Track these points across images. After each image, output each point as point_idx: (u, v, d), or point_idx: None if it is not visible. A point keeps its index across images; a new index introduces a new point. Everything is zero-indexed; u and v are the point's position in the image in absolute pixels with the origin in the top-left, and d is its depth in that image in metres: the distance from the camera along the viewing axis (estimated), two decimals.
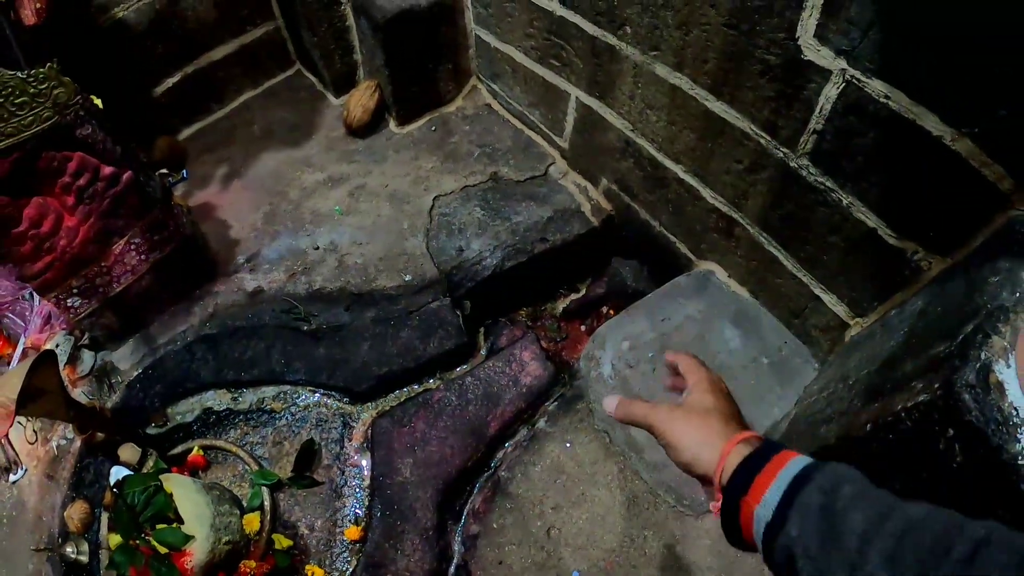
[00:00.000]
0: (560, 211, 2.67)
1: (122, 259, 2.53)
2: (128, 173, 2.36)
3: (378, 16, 2.73)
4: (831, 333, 2.00)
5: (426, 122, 3.18)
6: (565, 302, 2.81)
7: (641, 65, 2.09)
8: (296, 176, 3.12)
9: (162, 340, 2.72)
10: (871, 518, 0.69)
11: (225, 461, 2.48)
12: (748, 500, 0.79)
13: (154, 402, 2.63)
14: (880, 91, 1.42)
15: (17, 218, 2.22)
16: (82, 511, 2.51)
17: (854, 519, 0.70)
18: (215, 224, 2.99)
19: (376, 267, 2.65)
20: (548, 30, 2.46)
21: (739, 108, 1.83)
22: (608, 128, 2.43)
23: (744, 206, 2.04)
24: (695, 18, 1.79)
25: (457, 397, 2.36)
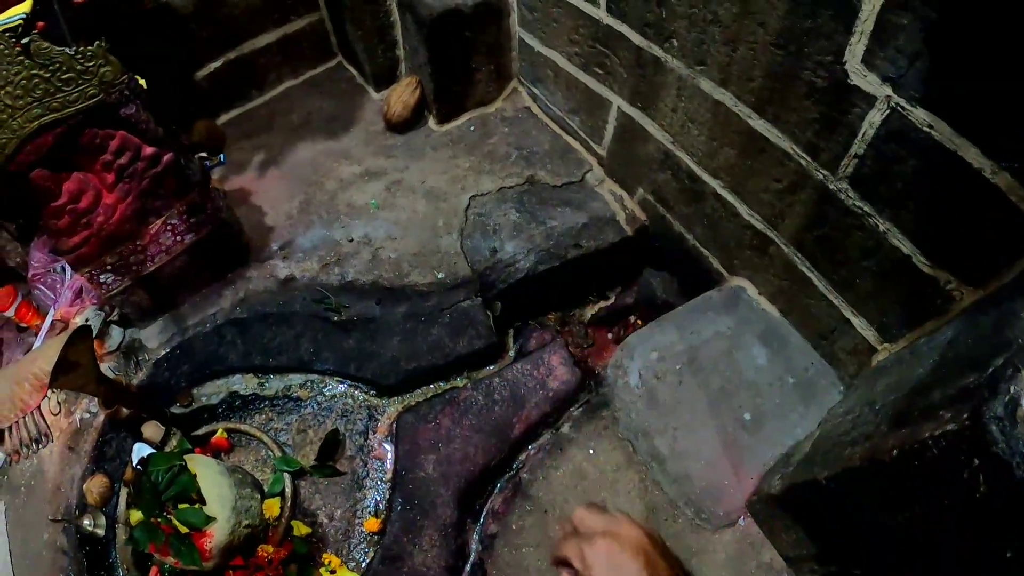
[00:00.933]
0: (595, 218, 2.70)
1: (157, 239, 2.58)
2: (169, 155, 2.41)
3: (424, 14, 2.77)
4: (858, 357, 2.01)
5: (465, 121, 3.22)
6: (594, 309, 2.84)
7: (686, 79, 2.11)
8: (333, 167, 3.16)
9: (192, 321, 2.77)
10: None
11: (248, 445, 2.52)
12: None
13: (180, 382, 2.68)
14: (923, 120, 1.44)
15: (57, 192, 2.27)
16: (101, 484, 2.55)
17: None
18: (250, 210, 3.04)
19: (409, 263, 2.68)
20: (593, 38, 2.49)
21: (782, 128, 1.85)
22: (648, 139, 2.45)
23: (780, 225, 2.06)
24: (743, 36, 1.82)
25: (483, 397, 2.39)
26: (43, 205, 2.31)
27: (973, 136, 1.38)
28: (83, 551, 2.51)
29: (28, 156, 2.13)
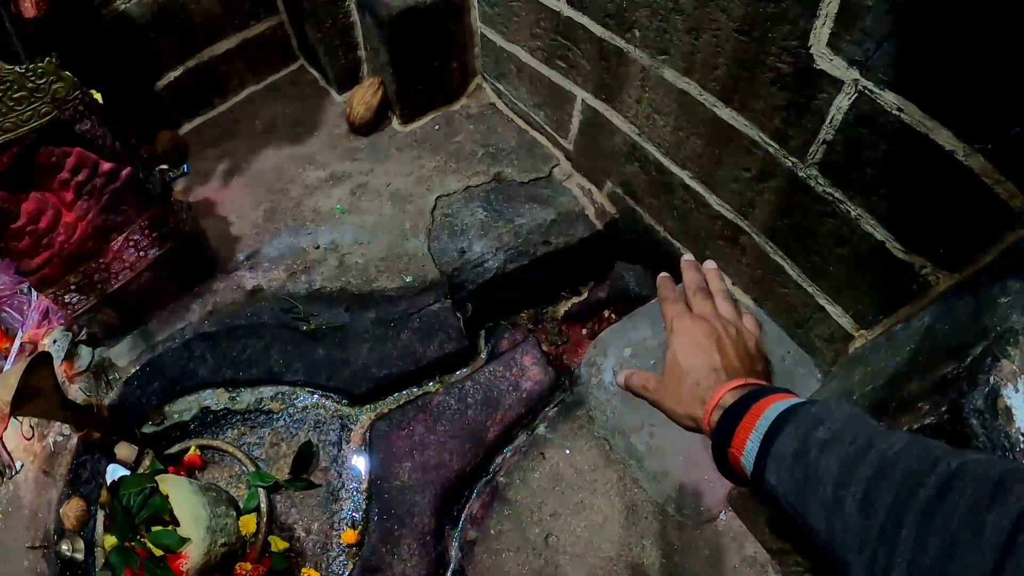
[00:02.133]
0: (564, 213, 2.67)
1: (121, 256, 2.53)
2: (128, 169, 2.35)
3: (383, 13, 2.73)
4: (835, 344, 1.99)
5: (430, 121, 3.18)
6: (567, 305, 2.80)
7: (649, 69, 2.08)
8: (298, 173, 3.11)
9: (161, 337, 2.72)
10: (845, 461, 0.69)
11: (222, 461, 2.47)
12: (733, 452, 0.80)
13: (151, 400, 2.63)
14: (893, 103, 1.41)
15: (15, 213, 2.21)
16: (78, 508, 2.51)
17: (828, 464, 0.69)
18: (215, 221, 2.98)
19: (377, 267, 2.64)
20: (555, 31, 2.45)
21: (748, 116, 1.82)
22: (614, 131, 2.42)
23: (751, 214, 2.03)
24: (705, 23, 1.78)
25: (456, 401, 2.36)
26: (2, 227, 2.24)
27: (944, 118, 1.35)
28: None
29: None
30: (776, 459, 0.75)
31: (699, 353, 0.92)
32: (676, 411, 0.92)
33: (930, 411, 1.20)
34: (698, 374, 0.90)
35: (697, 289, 1.03)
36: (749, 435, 0.78)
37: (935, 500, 0.59)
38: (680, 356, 0.93)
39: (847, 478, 0.67)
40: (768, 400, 0.80)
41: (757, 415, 0.79)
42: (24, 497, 2.69)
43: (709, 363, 0.90)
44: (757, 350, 0.96)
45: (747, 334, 0.97)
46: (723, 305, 1.00)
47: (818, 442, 0.71)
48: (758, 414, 0.79)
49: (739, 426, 0.80)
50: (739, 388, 0.85)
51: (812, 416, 0.74)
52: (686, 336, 0.94)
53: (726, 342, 0.93)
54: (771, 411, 0.78)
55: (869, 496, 0.65)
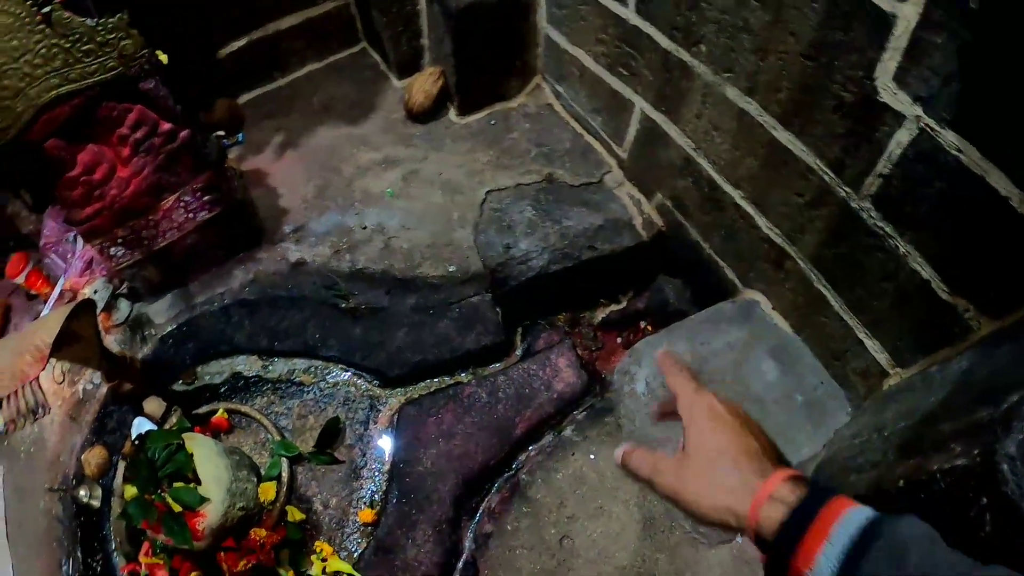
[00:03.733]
0: (611, 221, 2.68)
1: (170, 215, 2.58)
2: (186, 131, 2.41)
3: (451, 4, 2.77)
4: (869, 380, 1.99)
5: (486, 115, 3.21)
6: (605, 312, 2.82)
7: (712, 85, 2.09)
8: (351, 153, 3.16)
9: (200, 299, 2.78)
10: None
11: (248, 427, 2.52)
12: (797, 564, 0.69)
13: (185, 359, 2.69)
14: (952, 143, 1.42)
15: (71, 162, 2.28)
16: (100, 457, 2.56)
17: None
18: (266, 191, 3.04)
19: (422, 254, 2.68)
20: (620, 38, 2.47)
21: (807, 141, 1.83)
22: (670, 144, 2.43)
23: (799, 240, 2.03)
24: (773, 45, 1.79)
25: (488, 394, 2.38)
26: (57, 175, 2.31)
27: (1002, 163, 1.36)
28: (78, 521, 2.53)
29: (44, 126, 2.14)
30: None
31: (730, 433, 0.81)
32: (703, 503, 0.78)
33: (962, 453, 1.21)
34: (736, 458, 0.78)
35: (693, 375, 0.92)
36: (821, 547, 0.67)
37: None
38: (707, 436, 0.81)
39: None
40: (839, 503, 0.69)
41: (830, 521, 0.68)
42: (48, 440, 2.75)
43: (745, 446, 0.79)
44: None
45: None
46: None
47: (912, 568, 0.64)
48: (831, 520, 0.68)
49: (807, 534, 0.68)
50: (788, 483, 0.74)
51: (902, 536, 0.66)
52: (707, 412, 0.83)
53: (753, 424, 0.83)
54: (848, 520, 0.67)
55: None
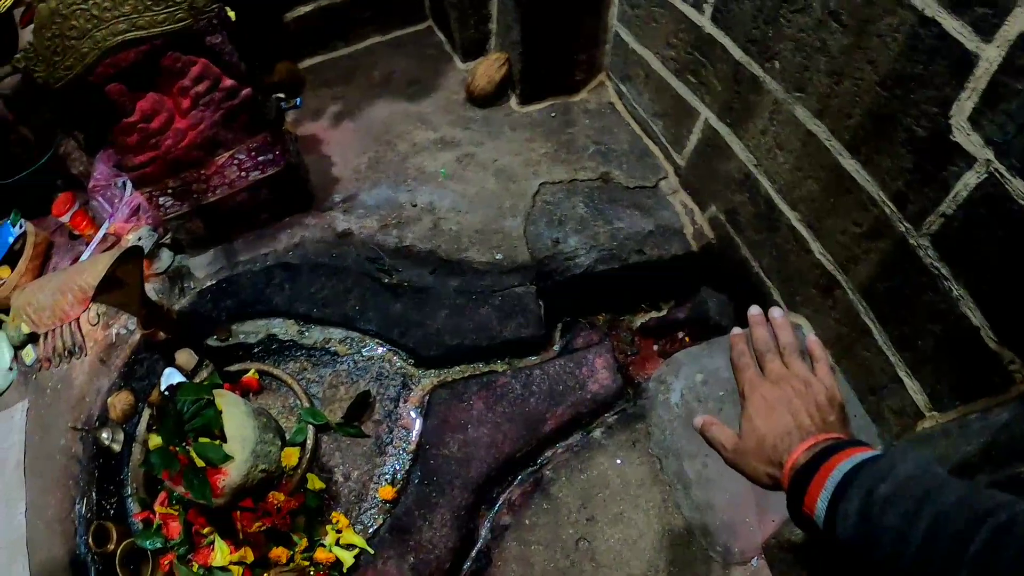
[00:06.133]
0: (662, 227, 2.70)
1: (222, 171, 2.64)
2: (247, 90, 2.47)
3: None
4: (903, 419, 1.99)
5: (547, 106, 3.25)
6: (645, 318, 2.84)
7: (782, 103, 2.10)
8: (408, 130, 3.21)
9: (243, 258, 2.83)
10: (904, 515, 0.78)
11: (278, 390, 2.57)
12: (805, 510, 0.90)
13: (221, 316, 2.74)
14: (1020, 192, 1.42)
15: (130, 108, 2.34)
16: (126, 401, 2.62)
17: (889, 519, 0.79)
18: (319, 158, 3.10)
19: (470, 238, 2.71)
20: (692, 44, 2.48)
21: (872, 171, 1.84)
22: (731, 157, 2.44)
23: (851, 270, 2.04)
24: (849, 70, 1.80)
25: (522, 386, 2.41)
26: (115, 120, 2.37)
27: None
28: (96, 463, 2.60)
29: (107, 69, 2.20)
30: (843, 517, 0.84)
31: (773, 417, 1.03)
32: (756, 472, 1.03)
33: None
34: (774, 437, 1.00)
35: (766, 350, 1.13)
36: (819, 494, 0.87)
37: (985, 553, 0.69)
38: (756, 420, 1.04)
39: (905, 533, 0.77)
40: (838, 458, 0.89)
41: (826, 475, 0.88)
42: (75, 379, 2.81)
43: (783, 426, 1.01)
44: (828, 401, 1.04)
45: (817, 387, 1.06)
46: (793, 362, 1.11)
47: (880, 499, 0.81)
48: (827, 474, 0.88)
49: (810, 485, 0.89)
50: (812, 447, 0.96)
51: (876, 472, 0.83)
52: (760, 402, 1.06)
53: (797, 403, 1.03)
54: (838, 470, 0.87)
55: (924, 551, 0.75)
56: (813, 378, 1.08)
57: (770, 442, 1.01)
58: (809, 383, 1.06)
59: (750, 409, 1.07)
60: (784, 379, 1.08)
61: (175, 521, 2.35)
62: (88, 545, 2.47)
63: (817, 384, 1.07)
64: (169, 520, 2.36)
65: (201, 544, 2.31)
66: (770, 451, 1.00)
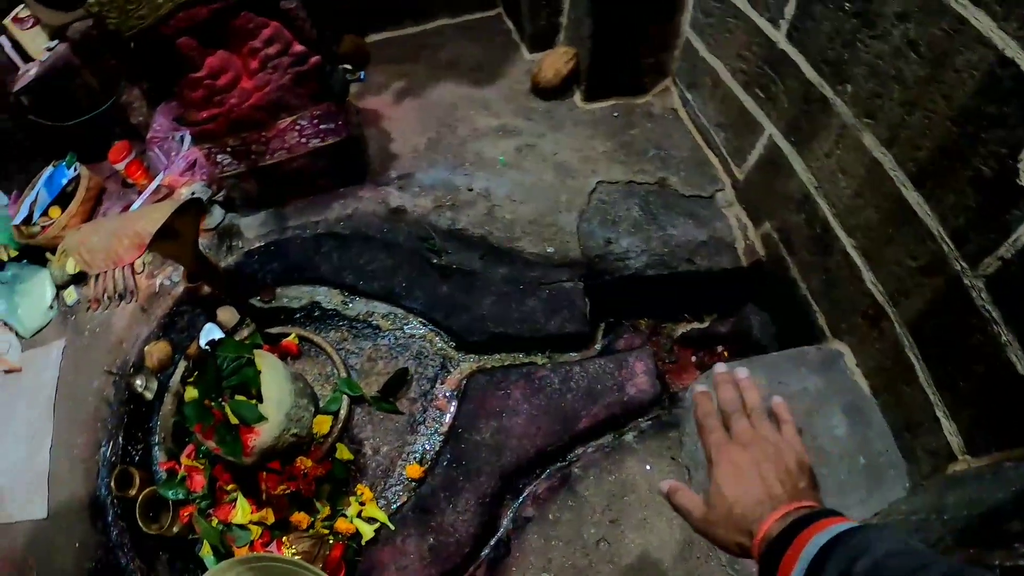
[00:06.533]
0: (714, 239, 2.72)
1: (283, 136, 2.69)
2: (317, 57, 2.52)
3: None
4: (936, 460, 1.98)
5: (611, 106, 3.27)
6: (686, 328, 2.86)
7: (850, 128, 2.10)
8: (469, 114, 3.25)
9: (293, 223, 2.89)
10: None
11: (316, 358, 2.62)
12: None
13: (267, 277, 2.79)
14: None
15: (199, 64, 2.39)
16: (163, 351, 2.68)
17: None
18: (378, 133, 3.15)
19: (523, 228, 2.75)
20: (764, 59, 2.48)
21: (934, 206, 1.83)
22: (792, 176, 2.44)
23: (901, 303, 2.03)
24: (922, 102, 1.80)
25: (560, 381, 2.43)
26: (182, 74, 2.42)
27: None
28: (127, 408, 2.66)
29: (180, 22, 2.25)
30: None
31: (743, 484, 1.00)
32: (726, 541, 0.99)
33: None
34: (744, 506, 0.97)
35: (733, 411, 1.10)
36: (793, 568, 0.84)
37: None
38: (725, 488, 1.01)
39: None
40: (812, 529, 0.87)
41: (800, 547, 0.85)
42: (115, 325, 2.89)
43: (753, 494, 0.98)
44: (798, 466, 1.03)
45: (787, 451, 1.04)
46: (761, 424, 1.08)
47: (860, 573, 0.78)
48: (801, 546, 0.85)
49: (783, 559, 0.86)
50: (784, 517, 0.92)
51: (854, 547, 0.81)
52: (728, 468, 1.03)
53: (767, 468, 1.01)
54: (813, 544, 0.84)
55: None
56: (783, 441, 1.06)
57: (739, 511, 0.98)
58: (779, 447, 1.05)
59: (718, 475, 1.04)
60: (753, 442, 1.06)
61: (200, 475, 2.42)
62: (110, 488, 2.54)
63: (787, 448, 1.05)
64: (194, 473, 2.43)
65: (223, 500, 2.37)
66: (739, 520, 0.97)
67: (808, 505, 0.95)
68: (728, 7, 2.63)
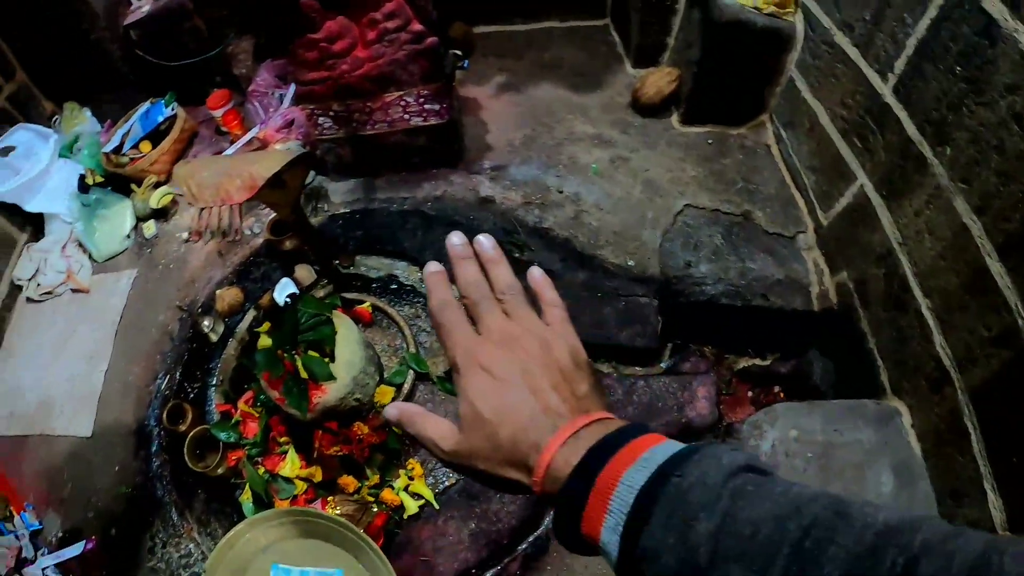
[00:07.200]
0: (790, 280, 2.77)
1: (387, 109, 2.80)
2: (433, 38, 2.61)
3: (715, 14, 2.88)
4: None
5: (705, 132, 3.34)
6: (747, 363, 2.90)
7: (943, 190, 2.13)
8: (567, 118, 3.34)
9: (381, 195, 3.01)
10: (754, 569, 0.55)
11: (387, 329, 2.72)
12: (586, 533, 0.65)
13: (348, 244, 2.90)
14: None
15: (318, 26, 2.50)
16: (235, 297, 2.80)
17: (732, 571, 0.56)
18: (475, 122, 3.27)
19: (607, 238, 2.82)
20: (866, 109, 2.52)
21: (1015, 279, 1.86)
22: (877, 230, 2.47)
23: (967, 371, 2.06)
24: (1019, 175, 1.83)
25: (623, 392, 2.51)
26: (300, 33, 2.53)
27: None
28: (189, 346, 2.80)
29: None
30: (652, 560, 0.59)
31: (505, 396, 0.76)
32: (491, 478, 0.76)
33: None
34: (512, 428, 0.73)
35: (480, 297, 0.86)
36: (603, 521, 0.63)
37: None
38: (480, 405, 0.75)
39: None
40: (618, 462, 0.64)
41: (608, 491, 0.63)
42: (190, 263, 3.04)
43: (523, 410, 0.74)
44: (575, 362, 0.82)
45: (557, 343, 0.82)
46: (519, 312, 0.85)
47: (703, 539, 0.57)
48: (609, 490, 0.63)
49: (585, 509, 0.65)
50: (572, 439, 0.70)
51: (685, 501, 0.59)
52: (481, 376, 0.78)
53: (535, 371, 0.78)
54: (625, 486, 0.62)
55: None
56: (550, 332, 0.84)
57: (506, 434, 0.73)
58: (546, 340, 0.82)
59: (470, 388, 0.77)
60: (512, 339, 0.81)
61: (254, 422, 2.52)
62: (159, 419, 2.67)
63: (556, 340, 0.83)
64: (249, 419, 2.53)
65: (274, 451, 2.48)
66: (509, 448, 0.73)
67: (599, 418, 0.73)
68: (838, 53, 2.67)
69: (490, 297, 0.85)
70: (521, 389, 0.75)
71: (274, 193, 2.30)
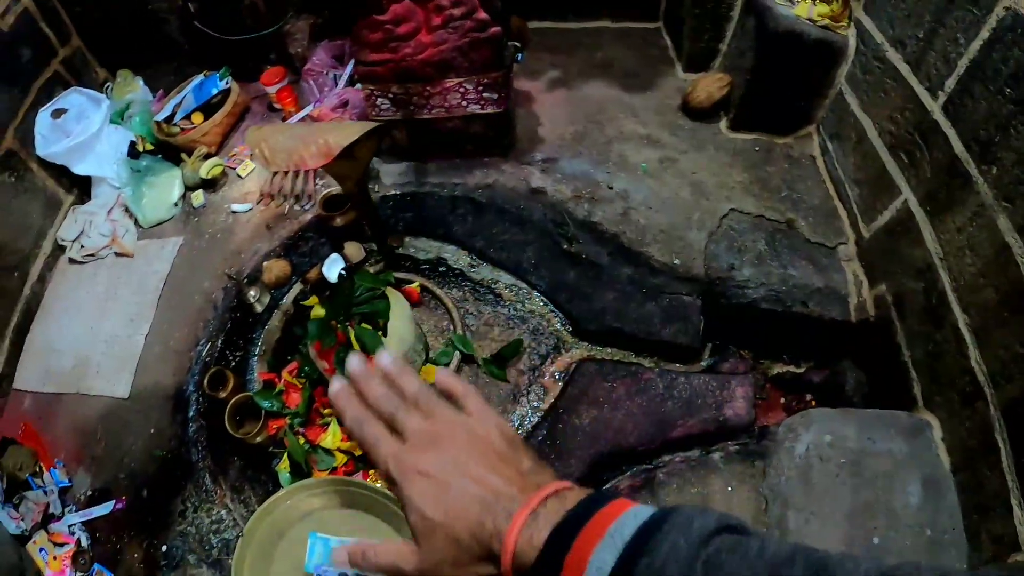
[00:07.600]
0: (829, 289, 2.81)
1: (445, 95, 2.87)
2: (497, 28, 2.68)
3: (770, 24, 2.94)
4: (999, 547, 2.03)
5: (753, 139, 3.41)
6: (782, 369, 2.98)
7: (987, 208, 2.15)
8: (618, 117, 3.42)
9: (432, 180, 3.09)
10: None
11: (435, 310, 2.82)
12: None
13: (398, 225, 3.00)
14: None
15: (385, 7, 2.57)
16: (282, 270, 2.88)
17: None
18: (527, 114, 3.36)
19: (654, 236, 2.89)
20: (915, 125, 2.55)
21: None
22: (918, 244, 2.50)
23: (1000, 386, 2.09)
24: None
25: (664, 387, 2.57)
26: (366, 13, 2.60)
27: None
28: (233, 315, 2.86)
29: None
30: None
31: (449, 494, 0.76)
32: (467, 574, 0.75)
33: None
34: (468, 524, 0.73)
35: (394, 408, 0.86)
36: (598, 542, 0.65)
37: None
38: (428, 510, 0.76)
39: None
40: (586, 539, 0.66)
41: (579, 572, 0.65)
42: (237, 234, 3.11)
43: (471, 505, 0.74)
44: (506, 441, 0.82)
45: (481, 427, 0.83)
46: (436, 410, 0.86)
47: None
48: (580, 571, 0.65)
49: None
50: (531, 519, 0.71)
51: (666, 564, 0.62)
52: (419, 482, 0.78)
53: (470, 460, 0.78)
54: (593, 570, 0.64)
55: None
56: (473, 420, 0.84)
57: (464, 530, 0.73)
58: (470, 428, 0.82)
59: (413, 497, 0.77)
60: (438, 437, 0.81)
61: (297, 392, 2.58)
62: (199, 385, 2.72)
63: (482, 426, 0.83)
64: (292, 390, 2.60)
65: (316, 422, 2.55)
66: (470, 543, 0.73)
67: (555, 490, 0.74)
68: (888, 69, 2.72)
69: (403, 405, 0.86)
70: (463, 482, 0.75)
71: (345, 164, 2.33)
